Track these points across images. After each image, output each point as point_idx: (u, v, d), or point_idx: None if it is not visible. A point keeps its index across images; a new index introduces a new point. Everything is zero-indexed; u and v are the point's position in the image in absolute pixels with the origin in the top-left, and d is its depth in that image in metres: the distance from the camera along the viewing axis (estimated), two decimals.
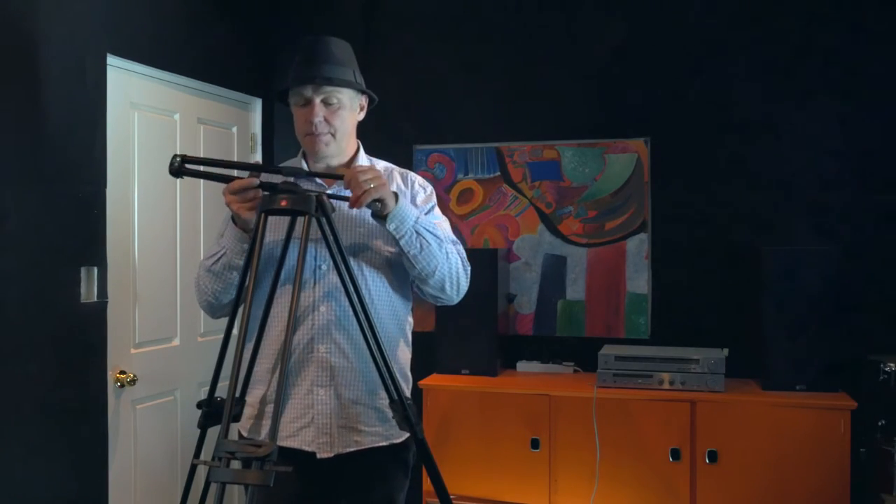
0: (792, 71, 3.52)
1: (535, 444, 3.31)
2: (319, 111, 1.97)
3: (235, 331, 1.72)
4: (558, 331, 3.81)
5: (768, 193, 3.54)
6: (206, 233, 3.46)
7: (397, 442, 2.02)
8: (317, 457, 1.94)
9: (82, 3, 2.75)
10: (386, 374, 1.84)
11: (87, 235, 2.76)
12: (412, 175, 2.16)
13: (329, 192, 1.91)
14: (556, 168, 3.81)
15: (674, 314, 3.65)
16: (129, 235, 3.03)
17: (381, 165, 2.15)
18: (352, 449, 1.96)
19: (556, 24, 3.82)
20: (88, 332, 2.75)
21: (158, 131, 3.20)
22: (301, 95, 1.99)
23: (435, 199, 2.16)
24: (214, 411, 1.84)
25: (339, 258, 1.78)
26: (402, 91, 3.95)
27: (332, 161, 2.05)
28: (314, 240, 1.89)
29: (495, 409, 3.38)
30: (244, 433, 2.01)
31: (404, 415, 1.85)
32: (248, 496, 1.75)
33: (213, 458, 1.50)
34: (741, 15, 3.58)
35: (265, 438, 1.71)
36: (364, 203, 1.83)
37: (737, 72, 3.58)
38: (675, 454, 3.16)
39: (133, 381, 2.98)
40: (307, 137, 2.01)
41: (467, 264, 2.09)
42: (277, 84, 3.90)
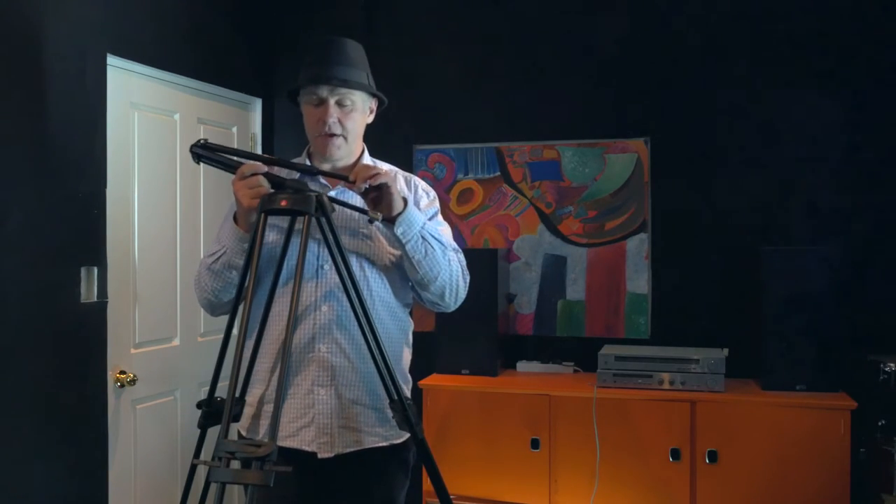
0: (792, 71, 3.52)
1: (535, 444, 3.31)
2: (334, 112, 1.97)
3: (235, 330, 1.72)
4: (558, 331, 3.81)
5: (768, 193, 3.54)
6: (206, 233, 3.46)
7: (397, 442, 2.02)
8: (318, 457, 1.94)
9: (82, 3, 2.75)
10: (386, 374, 1.84)
11: (87, 235, 2.76)
12: (416, 179, 2.16)
13: (332, 195, 1.91)
14: (556, 168, 3.81)
15: (674, 314, 3.65)
16: (129, 235, 3.03)
17: (385, 168, 2.15)
18: (352, 449, 1.96)
19: (556, 24, 3.82)
20: (88, 332, 2.75)
21: (158, 131, 3.20)
22: (315, 95, 1.97)
23: (438, 205, 2.17)
24: (214, 411, 1.84)
25: (339, 258, 1.78)
26: (402, 91, 3.95)
27: (339, 163, 2.05)
28: (317, 240, 1.90)
29: (495, 409, 3.38)
30: (243, 432, 2.01)
31: (404, 415, 1.86)
32: (248, 496, 1.75)
33: (213, 458, 1.51)
34: (741, 15, 3.58)
35: (264, 438, 1.71)
36: (376, 181, 1.82)
37: (737, 72, 3.58)
38: (675, 454, 3.16)
39: (133, 381, 2.98)
40: (319, 138, 2.00)
41: (467, 273, 2.10)
42: (284, 82, 3.92)
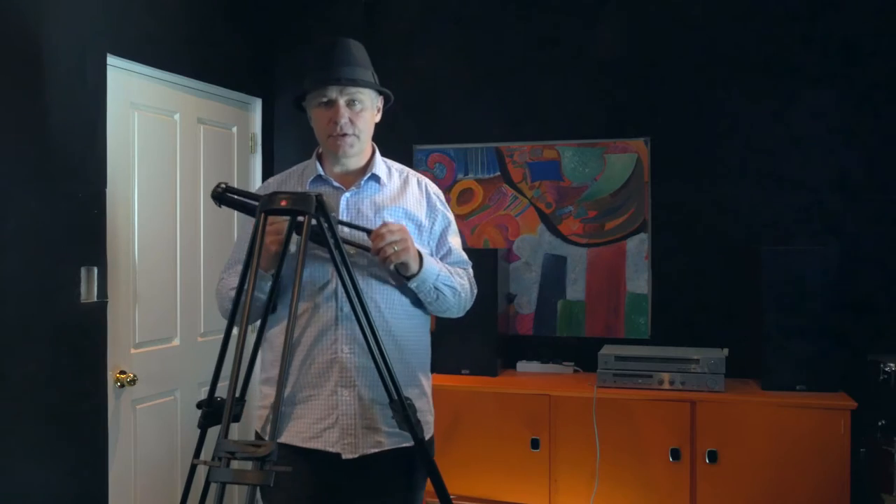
0: (792, 71, 3.52)
1: (535, 444, 3.31)
2: (345, 112, 1.97)
3: (235, 331, 1.72)
4: (558, 331, 3.81)
5: (768, 193, 3.54)
6: (205, 233, 3.46)
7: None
8: (342, 458, 1.93)
9: (82, 3, 2.75)
10: (386, 374, 1.84)
11: (87, 235, 2.76)
12: (428, 184, 2.16)
13: (347, 196, 2.02)
14: (556, 168, 3.81)
15: (674, 314, 3.65)
16: (129, 235, 3.03)
17: (397, 168, 2.16)
18: (375, 450, 1.96)
19: (556, 24, 3.82)
20: (88, 332, 2.76)
21: (158, 131, 3.20)
22: (325, 97, 1.98)
23: (450, 211, 2.18)
24: (214, 411, 1.84)
25: (339, 258, 1.78)
26: (403, 91, 3.93)
27: (350, 163, 2.06)
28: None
29: (495, 409, 3.38)
30: (258, 430, 2.03)
31: (404, 415, 1.86)
32: (248, 497, 1.74)
33: (213, 458, 1.51)
34: (741, 14, 3.58)
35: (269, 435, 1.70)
36: (388, 265, 1.88)
37: (737, 72, 3.58)
38: (675, 454, 3.16)
39: (133, 381, 2.98)
40: (331, 139, 2.00)
41: (475, 287, 2.16)
42: (284, 82, 3.93)
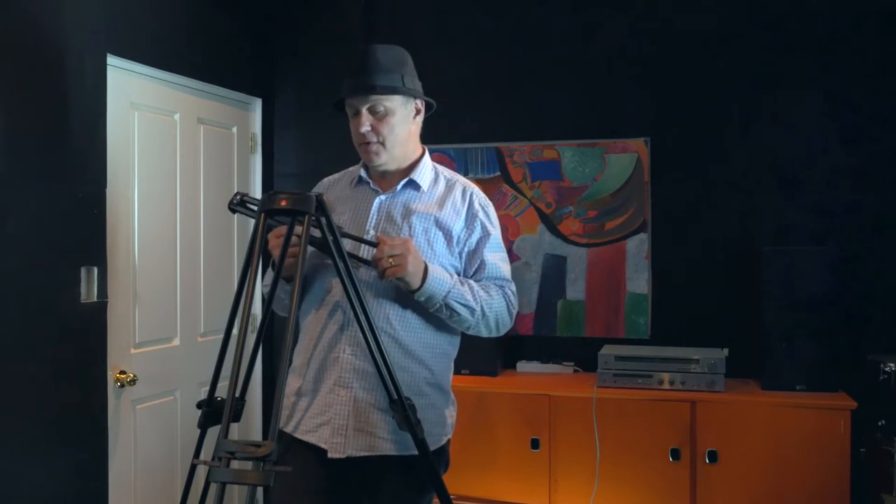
0: (792, 71, 3.52)
1: (535, 444, 3.31)
2: (366, 120, 1.99)
3: (235, 331, 1.72)
4: (558, 331, 3.81)
5: (768, 193, 3.54)
6: (205, 233, 3.46)
7: (416, 453, 1.94)
8: (328, 455, 1.94)
9: (82, 3, 2.75)
10: (385, 373, 1.84)
11: (87, 235, 2.76)
12: (476, 193, 2.11)
13: (382, 199, 2.06)
14: (556, 168, 3.81)
15: (674, 314, 3.65)
16: (129, 235, 3.03)
17: (447, 175, 2.13)
18: (365, 453, 1.95)
19: (556, 24, 3.82)
20: (88, 332, 2.76)
21: (158, 131, 3.20)
22: (352, 107, 2.01)
23: (497, 225, 2.11)
24: (214, 411, 1.84)
25: (339, 259, 1.78)
26: None
27: (391, 167, 2.06)
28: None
29: (495, 409, 3.38)
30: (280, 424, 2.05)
31: (404, 415, 1.86)
32: (248, 497, 1.75)
33: (213, 458, 1.50)
34: (740, 15, 3.58)
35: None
36: (386, 278, 1.86)
37: (737, 72, 3.58)
38: (675, 454, 3.16)
39: (133, 381, 2.98)
40: (360, 147, 2.04)
41: (515, 307, 2.08)
42: (284, 82, 3.95)
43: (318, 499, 1.98)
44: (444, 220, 2.03)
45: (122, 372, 2.96)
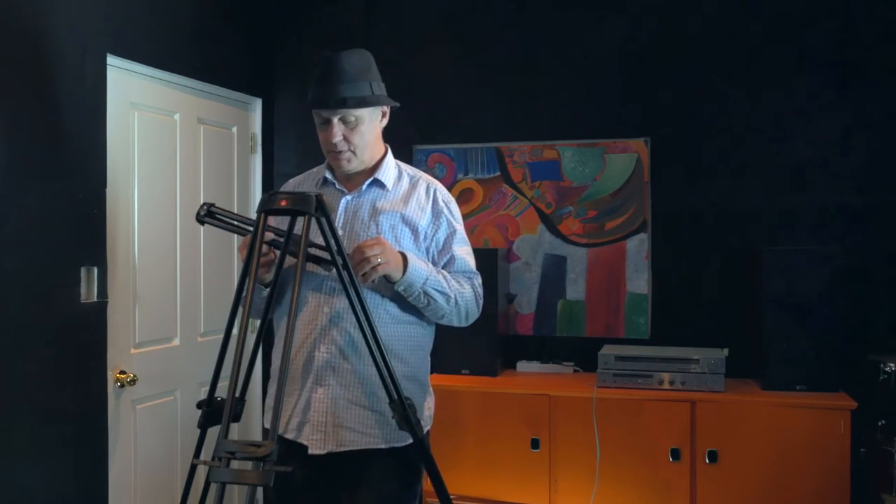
0: (792, 71, 3.52)
1: (535, 444, 3.31)
2: (338, 131, 2.02)
3: (235, 331, 1.72)
4: (558, 331, 3.81)
5: (768, 193, 3.54)
6: (205, 233, 3.46)
7: (399, 446, 2.02)
8: (308, 452, 1.98)
9: (82, 3, 2.75)
10: (386, 374, 1.84)
11: (87, 235, 2.76)
12: (438, 188, 2.18)
13: (348, 199, 2.08)
14: (556, 168, 3.81)
15: (674, 314, 3.65)
16: (129, 235, 3.03)
17: (409, 172, 2.18)
18: (346, 448, 1.98)
19: (556, 24, 3.82)
20: (88, 332, 2.75)
21: (158, 131, 3.20)
22: (320, 116, 2.04)
23: (460, 220, 2.19)
24: (214, 411, 1.84)
25: (339, 259, 1.78)
26: (402, 91, 3.93)
27: (358, 170, 2.10)
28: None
29: (495, 409, 3.38)
30: (266, 423, 2.09)
31: (404, 415, 1.86)
32: (248, 497, 1.75)
33: (213, 458, 1.51)
34: (740, 15, 3.58)
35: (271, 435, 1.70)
36: (370, 279, 1.89)
37: (737, 72, 3.58)
38: (675, 454, 3.16)
39: (133, 381, 2.98)
40: (330, 154, 2.08)
41: (481, 297, 2.16)
42: (284, 82, 3.94)
43: (302, 495, 2.02)
44: (409, 216, 2.09)
45: (122, 372, 2.96)
